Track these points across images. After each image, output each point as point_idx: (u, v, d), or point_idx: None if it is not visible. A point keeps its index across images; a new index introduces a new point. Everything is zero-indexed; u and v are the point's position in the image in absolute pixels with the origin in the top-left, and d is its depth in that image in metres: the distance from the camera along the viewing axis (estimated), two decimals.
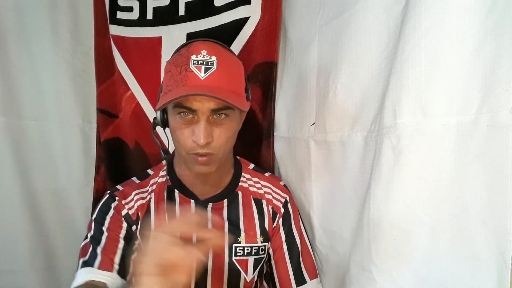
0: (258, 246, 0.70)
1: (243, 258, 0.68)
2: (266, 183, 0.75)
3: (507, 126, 0.37)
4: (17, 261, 0.89)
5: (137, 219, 0.66)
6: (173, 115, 0.60)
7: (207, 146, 0.58)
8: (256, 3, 0.86)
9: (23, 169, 0.89)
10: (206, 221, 0.57)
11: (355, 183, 0.60)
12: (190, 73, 0.56)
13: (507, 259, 0.37)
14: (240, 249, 0.68)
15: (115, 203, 0.66)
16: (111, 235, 0.63)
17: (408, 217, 0.47)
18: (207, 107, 0.56)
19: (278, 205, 0.73)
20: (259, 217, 0.71)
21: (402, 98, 0.48)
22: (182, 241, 0.41)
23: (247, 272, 0.69)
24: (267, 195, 0.74)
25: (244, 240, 0.69)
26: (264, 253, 0.71)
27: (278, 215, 0.72)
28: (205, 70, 0.56)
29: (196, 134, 0.57)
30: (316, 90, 0.73)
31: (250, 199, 0.72)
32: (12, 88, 0.87)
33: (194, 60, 0.57)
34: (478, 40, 0.40)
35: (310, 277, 0.71)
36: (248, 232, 0.69)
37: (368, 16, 0.56)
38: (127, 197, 0.68)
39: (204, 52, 0.57)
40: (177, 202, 0.69)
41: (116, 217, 0.65)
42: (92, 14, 1.00)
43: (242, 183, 0.73)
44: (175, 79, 0.57)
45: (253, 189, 0.74)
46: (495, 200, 0.38)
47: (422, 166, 0.45)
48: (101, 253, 0.60)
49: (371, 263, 0.52)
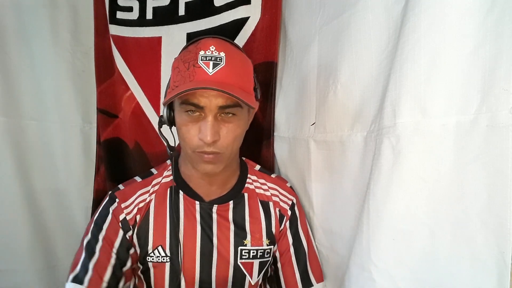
0: (264, 249, 0.69)
1: (248, 261, 0.68)
2: (273, 185, 0.74)
3: (507, 126, 0.37)
4: (17, 261, 0.89)
5: (134, 223, 0.66)
6: (180, 113, 0.58)
7: (214, 144, 0.57)
8: (256, 3, 0.86)
9: (23, 169, 0.89)
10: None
11: (355, 183, 0.60)
12: (198, 69, 0.55)
13: (507, 259, 0.37)
14: (245, 252, 0.67)
15: (114, 206, 0.66)
16: (105, 246, 0.62)
17: (407, 217, 0.47)
18: (214, 103, 0.55)
19: (285, 207, 0.72)
20: (266, 219, 0.70)
21: (401, 98, 0.48)
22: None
23: (252, 275, 0.68)
24: (274, 197, 0.73)
25: (250, 243, 0.68)
26: (269, 256, 0.70)
27: (285, 218, 0.72)
28: (213, 65, 0.55)
29: (203, 132, 0.55)
30: (316, 90, 0.73)
31: (257, 201, 0.71)
32: (12, 88, 0.87)
33: (202, 56, 0.55)
34: (478, 40, 0.40)
35: (317, 280, 0.70)
36: (254, 235, 0.68)
37: (368, 16, 0.56)
38: (127, 199, 0.67)
39: (213, 48, 0.56)
40: (182, 203, 0.68)
41: (113, 222, 0.65)
42: (92, 14, 1.00)
43: (248, 184, 0.72)
44: (183, 75, 0.56)
45: (260, 191, 0.73)
46: (495, 200, 0.38)
47: (422, 166, 0.45)
48: (93, 269, 0.59)
49: (371, 263, 0.52)
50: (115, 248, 0.63)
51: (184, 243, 0.65)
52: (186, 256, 0.65)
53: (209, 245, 0.66)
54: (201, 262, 0.66)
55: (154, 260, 0.65)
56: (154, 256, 0.65)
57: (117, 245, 0.64)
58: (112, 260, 0.62)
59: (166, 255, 0.65)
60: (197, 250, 0.66)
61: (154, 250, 0.65)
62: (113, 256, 0.62)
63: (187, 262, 0.65)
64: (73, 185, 1.00)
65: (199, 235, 0.66)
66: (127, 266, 0.65)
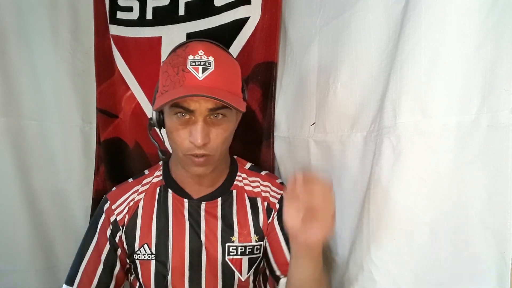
0: (253, 245, 0.69)
1: (236, 257, 0.68)
2: (265, 182, 0.75)
3: (508, 126, 0.37)
4: (17, 261, 0.89)
5: (124, 223, 0.68)
6: (170, 116, 0.59)
7: (204, 147, 0.58)
8: (256, 3, 0.86)
9: (23, 169, 0.89)
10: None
11: (355, 183, 0.60)
12: (188, 74, 0.56)
13: (507, 259, 0.37)
14: (233, 248, 0.68)
15: (107, 206, 0.69)
16: (95, 251, 0.66)
17: (408, 217, 0.47)
18: (204, 107, 0.56)
19: (274, 201, 0.73)
20: (253, 215, 0.71)
21: (402, 98, 0.48)
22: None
23: (241, 272, 0.68)
24: (264, 193, 0.73)
25: (238, 239, 0.68)
26: (260, 253, 0.71)
27: (273, 211, 0.72)
28: (202, 70, 0.56)
29: (194, 135, 0.57)
30: (316, 90, 0.73)
31: (245, 198, 0.72)
32: (12, 88, 0.87)
33: (191, 61, 0.56)
34: (478, 40, 0.40)
35: None
36: (241, 231, 0.69)
37: (368, 16, 0.56)
38: (118, 200, 0.69)
39: (202, 52, 0.57)
40: (170, 202, 0.69)
41: (105, 224, 0.68)
42: (92, 14, 1.00)
43: (237, 182, 0.73)
44: (172, 79, 0.57)
45: (249, 188, 0.73)
46: (495, 200, 0.38)
47: (422, 166, 0.45)
48: (82, 274, 0.65)
49: (371, 263, 0.52)
50: (105, 252, 0.66)
51: (173, 241, 0.67)
52: (175, 253, 0.66)
53: (198, 242, 0.67)
54: (190, 260, 0.67)
55: (140, 258, 0.67)
56: (140, 253, 0.67)
57: (106, 249, 0.67)
58: (100, 267, 0.66)
59: (151, 253, 0.66)
60: (186, 247, 0.67)
61: (140, 248, 0.67)
62: (101, 265, 0.66)
63: (176, 260, 0.66)
64: (73, 185, 1.00)
65: (188, 233, 0.68)
66: (117, 268, 0.68)
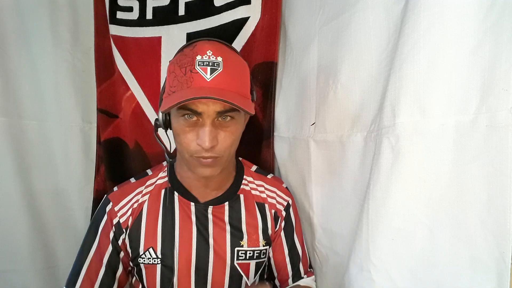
0: (260, 250, 0.69)
1: (245, 262, 0.68)
2: (271, 187, 0.74)
3: (506, 126, 0.37)
4: (17, 261, 0.89)
5: (127, 226, 0.66)
6: (177, 117, 0.58)
7: (212, 149, 0.56)
8: (256, 3, 0.86)
9: (23, 169, 0.89)
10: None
11: (355, 183, 0.60)
12: (196, 75, 0.54)
13: (507, 259, 0.37)
14: (242, 253, 0.67)
15: (109, 208, 0.67)
16: (97, 254, 0.65)
17: (407, 217, 0.47)
18: (213, 109, 0.55)
19: (280, 208, 0.73)
20: (262, 221, 0.70)
21: (401, 98, 0.48)
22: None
23: (248, 276, 0.68)
24: (270, 199, 0.73)
25: (247, 243, 0.68)
26: (265, 257, 0.71)
27: (280, 219, 0.72)
28: (211, 71, 0.54)
29: (201, 138, 0.55)
30: (316, 90, 0.73)
31: (253, 203, 0.71)
32: (12, 88, 0.87)
33: (199, 61, 0.54)
34: (477, 40, 0.40)
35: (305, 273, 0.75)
36: (251, 235, 0.68)
37: (368, 16, 0.56)
38: (121, 201, 0.67)
39: (210, 52, 0.55)
40: (177, 205, 0.68)
41: (107, 227, 0.66)
42: (92, 14, 1.00)
43: (244, 186, 0.72)
44: (180, 80, 0.55)
45: (256, 192, 0.73)
46: (495, 200, 0.38)
47: (421, 166, 0.45)
48: (83, 277, 0.63)
49: (370, 263, 0.52)
50: (107, 255, 0.65)
51: (180, 244, 0.65)
52: (182, 257, 0.65)
53: (205, 246, 0.66)
54: (197, 263, 0.66)
55: (145, 262, 0.65)
56: (145, 257, 0.65)
57: (109, 251, 0.65)
58: (102, 270, 0.64)
59: (157, 257, 0.65)
60: (193, 251, 0.66)
61: (145, 251, 0.65)
62: (104, 263, 0.64)
63: (182, 264, 0.65)
64: (73, 185, 1.00)
65: (195, 236, 0.66)
66: (120, 271, 0.66)
